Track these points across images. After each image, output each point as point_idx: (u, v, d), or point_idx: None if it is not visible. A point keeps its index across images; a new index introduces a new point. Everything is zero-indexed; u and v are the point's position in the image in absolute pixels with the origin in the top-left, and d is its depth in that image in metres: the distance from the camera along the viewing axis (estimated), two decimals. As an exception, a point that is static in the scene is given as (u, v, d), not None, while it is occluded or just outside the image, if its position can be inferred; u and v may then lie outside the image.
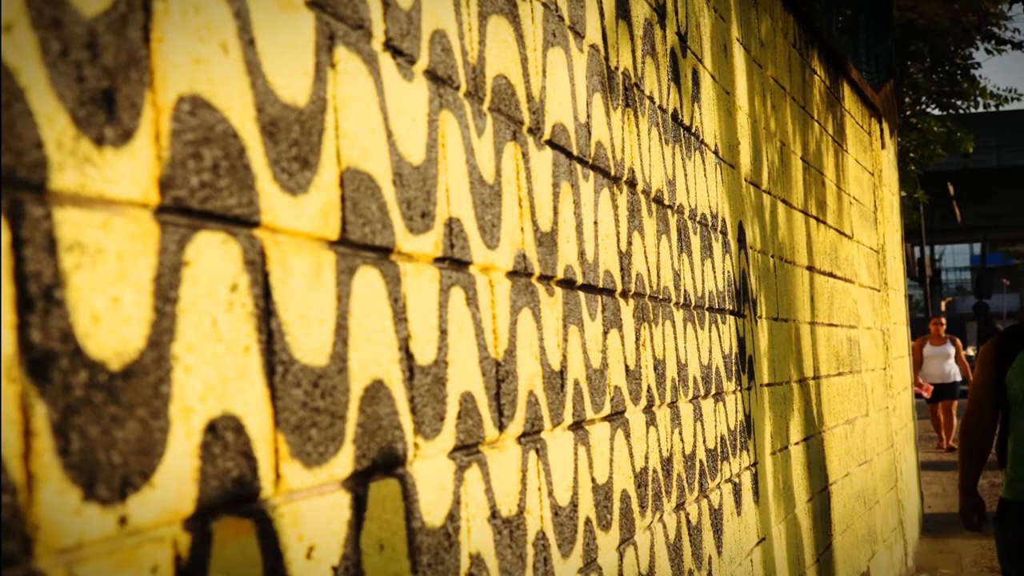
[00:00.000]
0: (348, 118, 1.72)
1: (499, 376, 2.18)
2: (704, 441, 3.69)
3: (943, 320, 18.02)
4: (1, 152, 1.08)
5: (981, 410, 5.23)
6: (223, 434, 1.38)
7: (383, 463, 1.74)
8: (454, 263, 2.03)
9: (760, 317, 4.81)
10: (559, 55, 2.63)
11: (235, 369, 1.41)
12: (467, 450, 2.03)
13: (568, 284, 2.58)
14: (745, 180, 4.70)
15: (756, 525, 4.36)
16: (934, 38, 14.45)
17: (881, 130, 9.69)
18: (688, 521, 3.42)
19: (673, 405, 3.37)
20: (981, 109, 16.41)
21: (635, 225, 3.12)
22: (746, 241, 4.63)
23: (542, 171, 2.47)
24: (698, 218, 3.84)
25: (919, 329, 24.39)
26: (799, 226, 5.85)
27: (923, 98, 15.43)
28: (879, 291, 8.84)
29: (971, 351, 32.50)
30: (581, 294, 2.66)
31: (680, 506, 3.35)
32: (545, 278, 2.45)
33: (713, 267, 4.02)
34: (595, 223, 2.79)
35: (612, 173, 2.96)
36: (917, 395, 16.89)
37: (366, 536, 1.68)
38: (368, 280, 1.74)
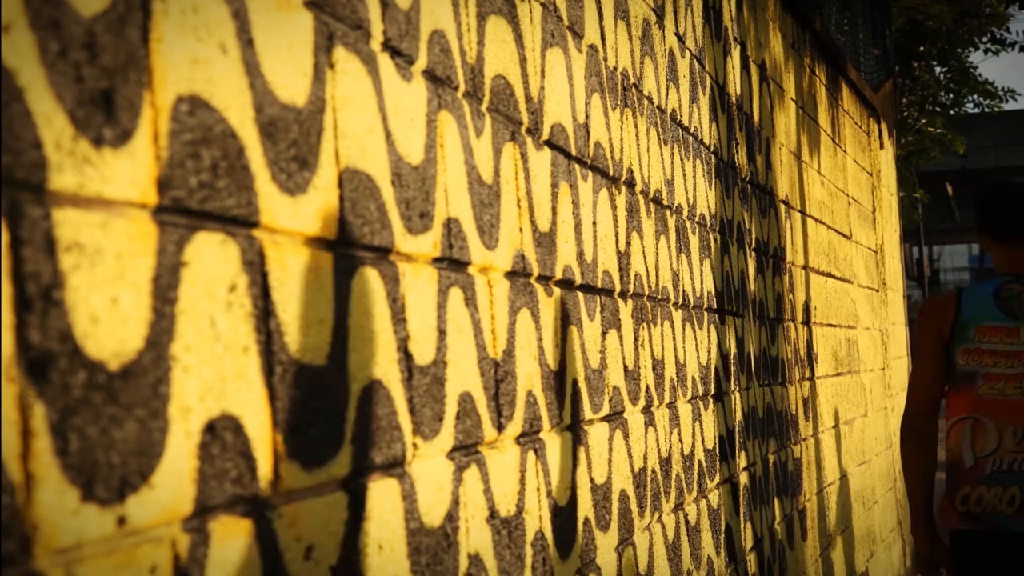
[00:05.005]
0: (347, 118, 1.72)
1: (498, 376, 2.18)
2: (703, 441, 3.69)
3: None
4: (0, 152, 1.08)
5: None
6: (222, 434, 1.38)
7: (382, 463, 1.74)
8: (453, 263, 2.03)
9: (757, 317, 4.81)
10: (558, 55, 2.63)
11: (234, 369, 1.41)
12: (466, 450, 2.03)
13: (567, 284, 2.58)
14: (743, 180, 4.70)
15: (754, 525, 4.36)
16: (943, 37, 14.46)
17: (880, 130, 9.70)
18: (687, 521, 3.42)
19: (672, 405, 3.37)
20: (979, 110, 16.41)
21: (634, 225, 3.12)
22: (745, 241, 4.63)
23: (541, 171, 2.47)
24: (696, 218, 3.84)
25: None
26: (797, 226, 5.85)
27: (928, 98, 15.44)
28: (878, 291, 8.84)
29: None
30: (580, 294, 2.66)
31: (679, 506, 3.36)
32: (544, 278, 2.45)
33: (712, 267, 4.02)
34: (594, 223, 2.79)
35: (611, 173, 2.96)
36: None
37: (364, 536, 1.68)
38: (367, 280, 1.74)
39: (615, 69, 3.06)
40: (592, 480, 2.65)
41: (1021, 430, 3.74)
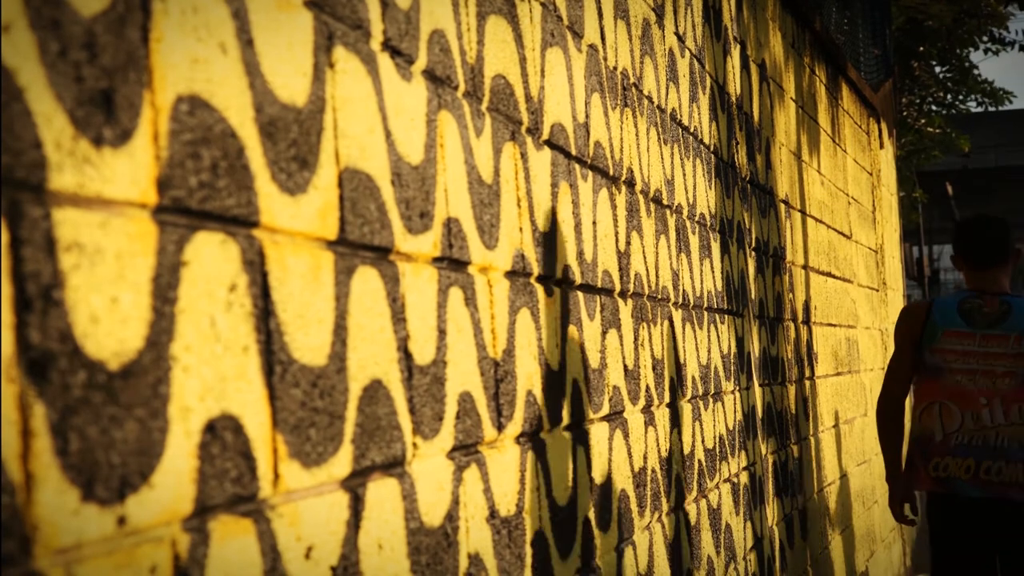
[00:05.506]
0: (347, 118, 1.72)
1: (498, 376, 2.18)
2: (703, 441, 3.69)
3: None
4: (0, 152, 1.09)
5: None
6: (222, 434, 1.38)
7: (382, 463, 1.74)
8: (452, 263, 2.03)
9: (757, 317, 4.81)
10: (557, 55, 2.63)
11: (234, 369, 1.41)
12: (466, 450, 2.03)
13: (567, 284, 2.58)
14: (743, 180, 4.70)
15: (754, 525, 4.36)
16: (943, 37, 14.46)
17: (880, 130, 9.70)
18: (687, 521, 3.42)
19: (672, 405, 3.37)
20: (982, 108, 16.40)
21: (634, 225, 3.12)
22: (745, 241, 4.63)
23: (541, 171, 2.47)
24: (696, 218, 3.84)
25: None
26: (797, 225, 5.85)
27: (928, 98, 15.42)
28: (878, 291, 8.84)
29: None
30: (580, 294, 2.66)
31: (679, 506, 3.36)
32: (544, 278, 2.45)
33: (712, 267, 4.02)
34: (593, 223, 2.79)
35: (611, 173, 2.96)
36: None
37: (364, 536, 1.68)
38: (367, 280, 1.74)
39: (615, 69, 3.06)
40: (592, 480, 2.65)
41: (975, 414, 4.66)
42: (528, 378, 2.32)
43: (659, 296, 3.33)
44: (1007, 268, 4.83)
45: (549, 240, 2.49)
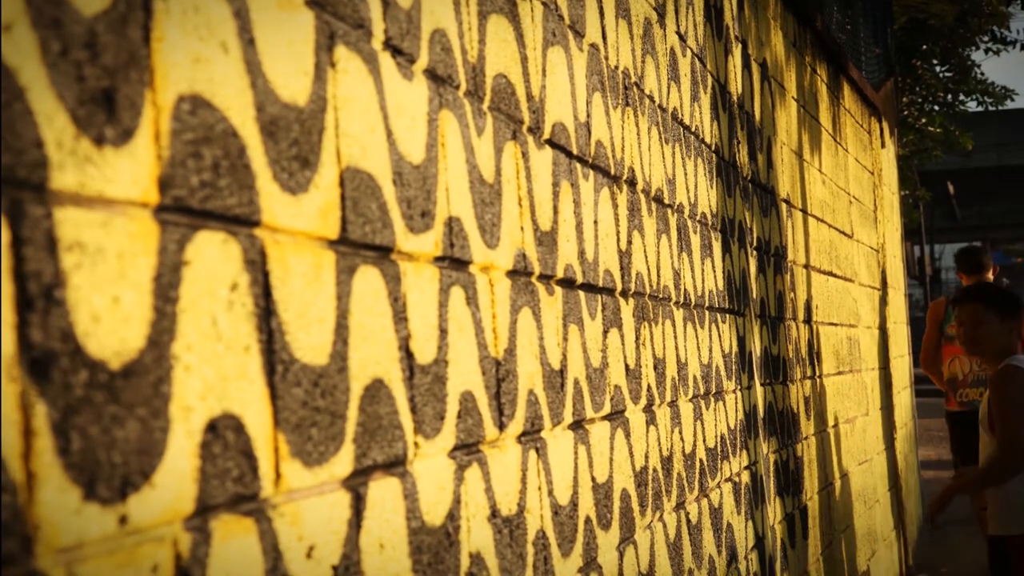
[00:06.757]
0: (348, 117, 1.72)
1: (499, 375, 2.18)
2: (704, 440, 3.69)
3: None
4: (1, 151, 1.09)
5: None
6: (223, 433, 1.38)
7: (383, 462, 1.74)
8: (454, 262, 2.03)
9: (758, 316, 4.81)
10: (559, 54, 2.63)
11: (235, 368, 1.41)
12: (467, 449, 2.03)
13: (568, 283, 2.58)
14: (745, 179, 4.70)
15: (756, 524, 4.36)
16: (944, 36, 14.45)
17: (881, 129, 9.69)
18: (688, 520, 3.42)
19: (673, 404, 3.37)
20: (982, 108, 16.39)
21: (635, 224, 3.12)
22: (746, 240, 4.63)
23: (542, 170, 2.47)
24: (698, 217, 3.84)
25: (919, 328, 24.31)
26: (798, 224, 5.85)
27: (929, 97, 15.41)
28: (879, 290, 8.84)
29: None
30: (581, 293, 2.66)
31: (680, 505, 3.36)
32: (545, 277, 2.45)
33: (713, 266, 4.02)
34: (595, 222, 2.79)
35: (612, 172, 2.96)
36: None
37: (366, 535, 1.68)
38: (368, 279, 1.74)
39: (616, 68, 3.06)
40: (593, 479, 2.65)
41: (979, 362, 7.81)
42: (529, 377, 2.32)
43: (660, 295, 3.33)
44: (988, 275, 8.38)
45: (550, 239, 2.49)
